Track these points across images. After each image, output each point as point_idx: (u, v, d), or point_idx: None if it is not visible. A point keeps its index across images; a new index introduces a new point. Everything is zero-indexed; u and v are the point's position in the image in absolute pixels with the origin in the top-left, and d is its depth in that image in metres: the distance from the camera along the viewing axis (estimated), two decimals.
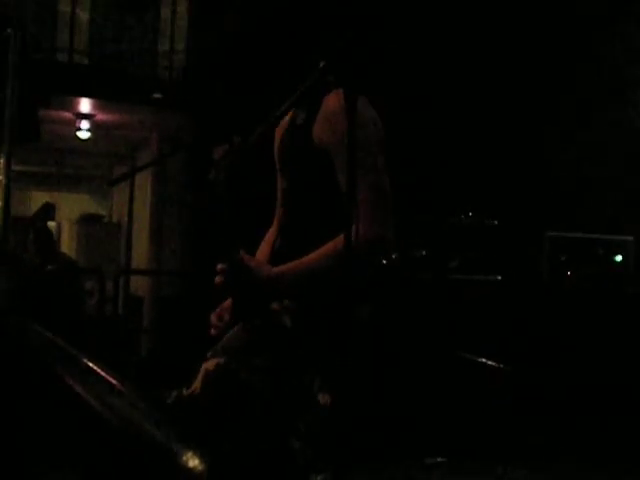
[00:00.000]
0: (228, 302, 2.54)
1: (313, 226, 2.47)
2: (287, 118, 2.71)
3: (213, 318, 2.52)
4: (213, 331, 2.51)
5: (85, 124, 11.01)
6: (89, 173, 15.00)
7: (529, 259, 6.66)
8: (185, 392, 2.38)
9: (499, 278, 6.24)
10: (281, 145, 2.67)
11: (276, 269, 2.43)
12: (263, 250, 2.78)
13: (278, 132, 2.76)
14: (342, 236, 2.30)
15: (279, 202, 2.74)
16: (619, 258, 6.36)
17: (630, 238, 6.39)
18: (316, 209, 2.48)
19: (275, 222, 2.80)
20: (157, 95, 9.72)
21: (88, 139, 11.46)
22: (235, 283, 2.40)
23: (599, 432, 5.75)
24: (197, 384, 2.37)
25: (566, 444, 5.66)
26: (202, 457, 1.08)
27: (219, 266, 2.44)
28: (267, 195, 2.99)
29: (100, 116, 10.87)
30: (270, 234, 2.81)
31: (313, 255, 2.37)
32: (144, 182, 11.10)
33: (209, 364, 2.38)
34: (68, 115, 10.77)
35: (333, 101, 2.42)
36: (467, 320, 5.87)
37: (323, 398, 2.29)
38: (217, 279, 2.44)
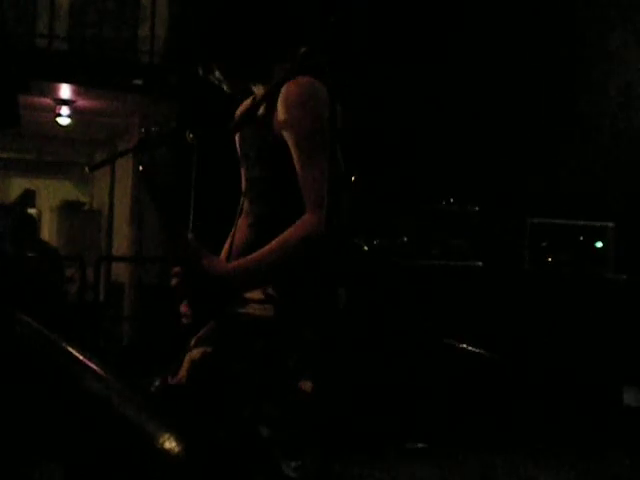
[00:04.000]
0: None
1: (281, 217, 2.46)
2: (245, 107, 2.70)
3: (183, 307, 2.50)
4: (184, 320, 2.49)
5: (65, 110, 10.96)
6: (70, 160, 14.93)
7: (510, 245, 6.67)
8: (171, 381, 2.36)
9: (480, 264, 6.25)
10: (243, 136, 2.66)
11: (231, 264, 2.43)
12: (230, 240, 2.76)
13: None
14: (294, 226, 2.32)
15: (244, 193, 2.73)
16: (600, 244, 6.38)
17: (611, 224, 6.41)
18: (282, 199, 2.48)
19: (242, 213, 2.77)
20: (138, 81, 9.68)
21: (68, 125, 11.40)
22: (189, 280, 2.38)
23: (579, 416, 5.78)
24: (183, 373, 2.35)
25: (547, 429, 5.69)
26: (179, 439, 1.07)
27: (175, 269, 2.43)
28: (225, 185, 2.97)
29: (80, 102, 10.82)
30: (237, 224, 2.78)
31: (267, 247, 2.37)
32: (125, 168, 11.06)
33: (195, 353, 2.36)
34: (48, 101, 10.71)
35: (292, 88, 2.41)
36: (448, 306, 5.89)
37: (304, 385, 2.29)
38: (173, 282, 2.44)
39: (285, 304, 2.39)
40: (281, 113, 2.42)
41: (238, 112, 2.76)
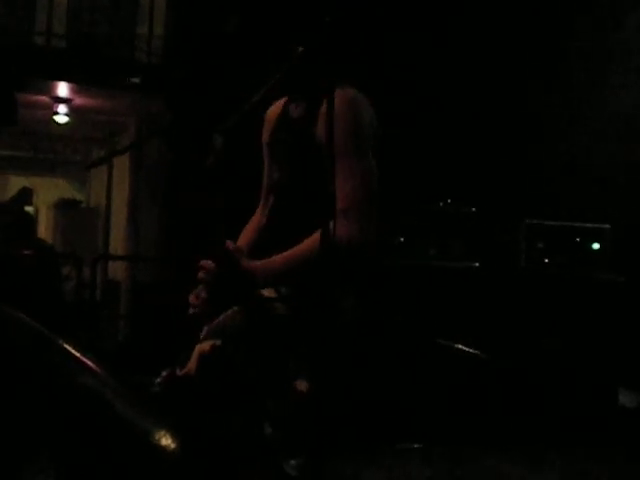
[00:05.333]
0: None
1: (304, 218, 2.48)
2: (279, 109, 2.73)
3: (192, 298, 2.53)
4: (191, 310, 2.51)
5: (63, 108, 10.96)
6: (67, 158, 14.92)
7: (507, 246, 6.68)
8: (179, 372, 2.38)
9: (477, 265, 6.26)
10: (274, 136, 2.69)
11: (253, 263, 2.46)
12: (247, 236, 2.79)
13: (268, 122, 2.78)
14: (318, 234, 2.33)
15: (267, 189, 2.76)
16: (596, 246, 6.38)
17: (607, 226, 6.41)
18: (309, 202, 2.50)
19: (260, 208, 2.82)
20: (135, 80, 9.68)
21: (66, 123, 11.40)
22: (222, 276, 2.42)
23: (574, 417, 5.79)
24: (192, 365, 2.37)
25: (542, 430, 5.69)
26: (175, 436, 1.08)
27: (203, 262, 2.46)
28: (245, 182, 3.00)
29: (78, 100, 10.82)
30: (255, 221, 2.82)
31: (291, 251, 2.40)
32: (122, 167, 11.06)
33: (204, 345, 2.38)
34: (45, 99, 10.71)
35: (337, 99, 2.43)
36: (444, 307, 5.89)
37: (300, 385, 2.30)
38: (201, 275, 2.46)
39: (296, 303, 2.41)
40: (324, 122, 2.43)
41: (270, 114, 2.80)
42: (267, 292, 2.44)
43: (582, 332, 6.07)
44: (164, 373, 2.41)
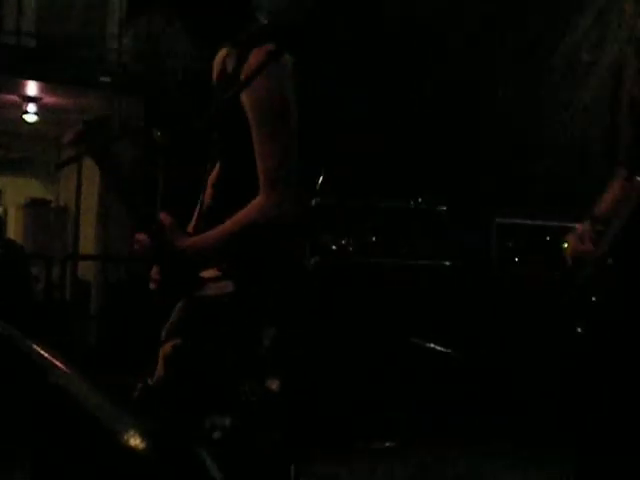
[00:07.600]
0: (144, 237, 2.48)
1: (241, 181, 2.42)
2: (223, 58, 2.62)
3: (153, 272, 2.46)
4: (152, 285, 2.44)
5: (32, 107, 10.88)
6: (36, 157, 14.80)
7: (477, 245, 6.69)
8: (150, 382, 2.35)
9: (448, 264, 6.27)
10: (214, 89, 2.62)
11: (188, 240, 2.40)
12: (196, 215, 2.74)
13: (214, 71, 2.68)
14: (247, 208, 2.29)
15: (211, 154, 2.69)
16: (566, 245, 6.41)
17: (578, 225, 6.44)
18: (243, 164, 2.42)
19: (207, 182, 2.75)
20: (105, 79, 9.64)
21: (35, 122, 11.32)
22: (156, 251, 2.37)
23: (545, 414, 5.81)
24: (160, 370, 2.34)
25: (512, 426, 5.72)
26: (144, 436, 1.07)
27: (137, 235, 2.42)
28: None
29: (48, 99, 10.75)
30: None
31: (222, 227, 2.34)
32: (92, 166, 10.97)
33: (166, 348, 2.35)
34: (14, 98, 10.63)
35: (256, 57, 2.35)
36: (416, 305, 5.90)
37: (272, 384, 2.28)
38: (136, 247, 2.43)
39: (242, 277, 2.35)
40: (243, 77, 2.36)
41: (215, 63, 2.69)
42: (210, 273, 2.38)
43: (553, 330, 6.10)
44: (140, 386, 2.38)
